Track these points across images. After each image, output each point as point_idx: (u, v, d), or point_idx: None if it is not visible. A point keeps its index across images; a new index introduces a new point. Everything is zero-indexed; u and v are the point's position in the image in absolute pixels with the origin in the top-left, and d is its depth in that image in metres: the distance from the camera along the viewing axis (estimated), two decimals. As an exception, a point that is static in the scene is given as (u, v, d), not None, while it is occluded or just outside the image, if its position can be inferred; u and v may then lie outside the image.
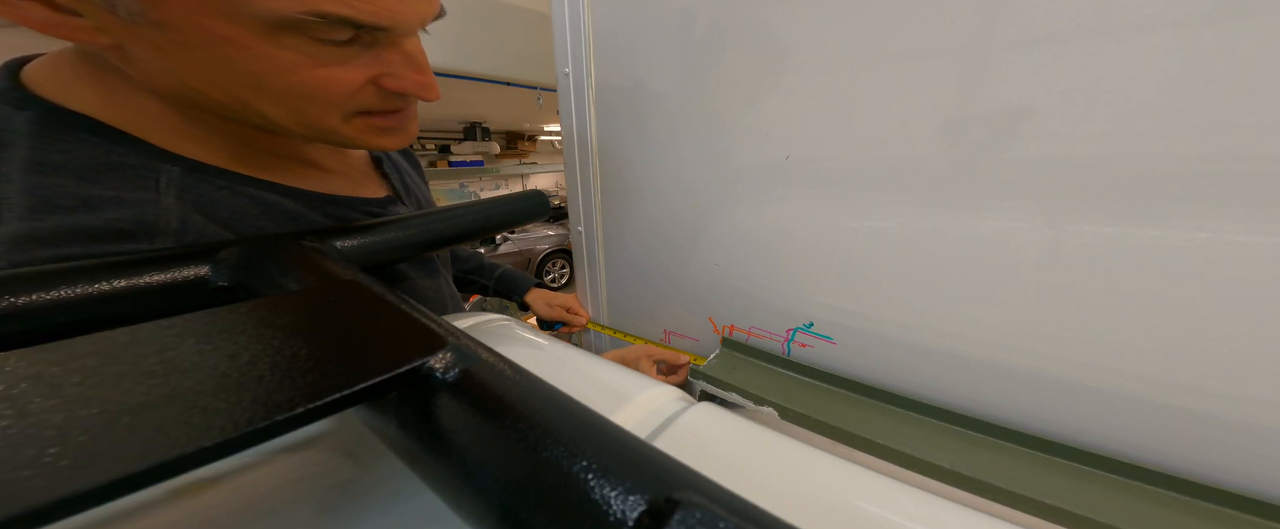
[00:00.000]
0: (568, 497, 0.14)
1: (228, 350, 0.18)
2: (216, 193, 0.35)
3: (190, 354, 0.18)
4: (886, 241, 0.47)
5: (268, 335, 0.19)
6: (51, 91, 0.31)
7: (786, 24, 0.46)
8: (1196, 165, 0.32)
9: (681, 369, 0.63)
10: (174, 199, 0.32)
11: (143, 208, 0.31)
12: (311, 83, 0.30)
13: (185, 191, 0.33)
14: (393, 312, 0.22)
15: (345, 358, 0.18)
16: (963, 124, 0.40)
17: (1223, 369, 0.34)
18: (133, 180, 0.32)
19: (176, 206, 0.32)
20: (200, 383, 0.16)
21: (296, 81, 0.30)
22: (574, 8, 0.61)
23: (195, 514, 0.24)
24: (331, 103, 0.32)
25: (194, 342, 0.18)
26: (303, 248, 0.30)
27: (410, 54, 0.34)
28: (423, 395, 0.18)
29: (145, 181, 0.32)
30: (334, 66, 0.31)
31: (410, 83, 0.34)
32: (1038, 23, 0.35)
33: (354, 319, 0.21)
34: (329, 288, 0.24)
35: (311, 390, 0.16)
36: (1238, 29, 0.30)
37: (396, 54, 0.33)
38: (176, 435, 0.14)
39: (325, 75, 0.30)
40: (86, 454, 0.13)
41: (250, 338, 0.18)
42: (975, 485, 0.38)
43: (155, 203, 0.32)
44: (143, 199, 0.31)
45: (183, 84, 0.31)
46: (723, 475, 0.15)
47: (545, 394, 0.17)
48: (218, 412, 0.15)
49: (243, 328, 0.19)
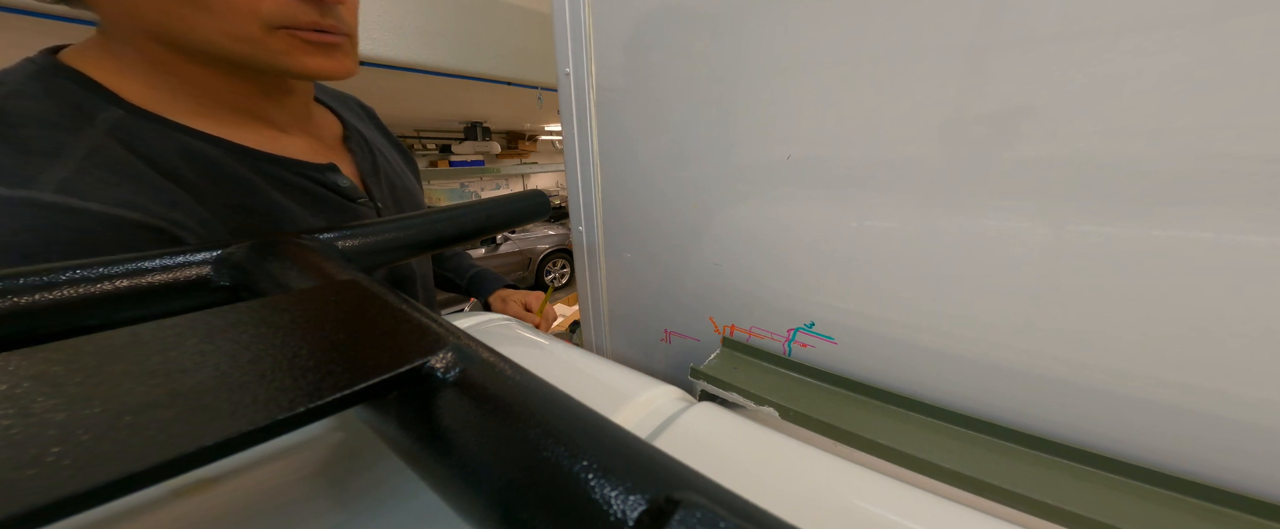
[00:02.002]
0: (568, 497, 0.14)
1: (229, 350, 0.18)
2: (146, 132, 0.40)
3: (191, 354, 0.18)
4: (888, 241, 0.47)
5: (269, 335, 0.19)
6: (69, 56, 0.40)
7: (787, 24, 0.46)
8: (1200, 165, 0.32)
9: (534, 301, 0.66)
10: (101, 132, 0.37)
11: (62, 132, 0.36)
12: None
13: (115, 127, 0.38)
14: (393, 312, 0.22)
15: (346, 358, 0.18)
16: (963, 123, 0.40)
17: (1223, 369, 0.34)
18: (73, 115, 0.37)
19: (97, 135, 0.37)
20: (201, 383, 0.16)
21: None
22: (574, 8, 0.61)
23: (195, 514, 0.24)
24: (247, 8, 0.37)
25: (195, 341, 0.18)
26: (303, 248, 0.30)
27: None
28: (423, 395, 0.18)
29: (84, 116, 0.37)
30: None
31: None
32: (1038, 23, 0.35)
33: (354, 319, 0.21)
34: (330, 288, 0.24)
35: (312, 390, 0.16)
36: (1238, 29, 0.30)
37: None
38: (178, 435, 0.14)
39: None
40: (88, 454, 0.13)
41: (251, 338, 0.18)
42: (975, 485, 0.38)
43: (77, 131, 0.36)
44: (71, 127, 0.36)
45: (133, 15, 0.36)
46: (723, 475, 0.15)
47: (546, 394, 0.18)
48: (218, 411, 0.15)
49: (244, 328, 0.19)
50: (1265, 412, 0.34)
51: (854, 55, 0.44)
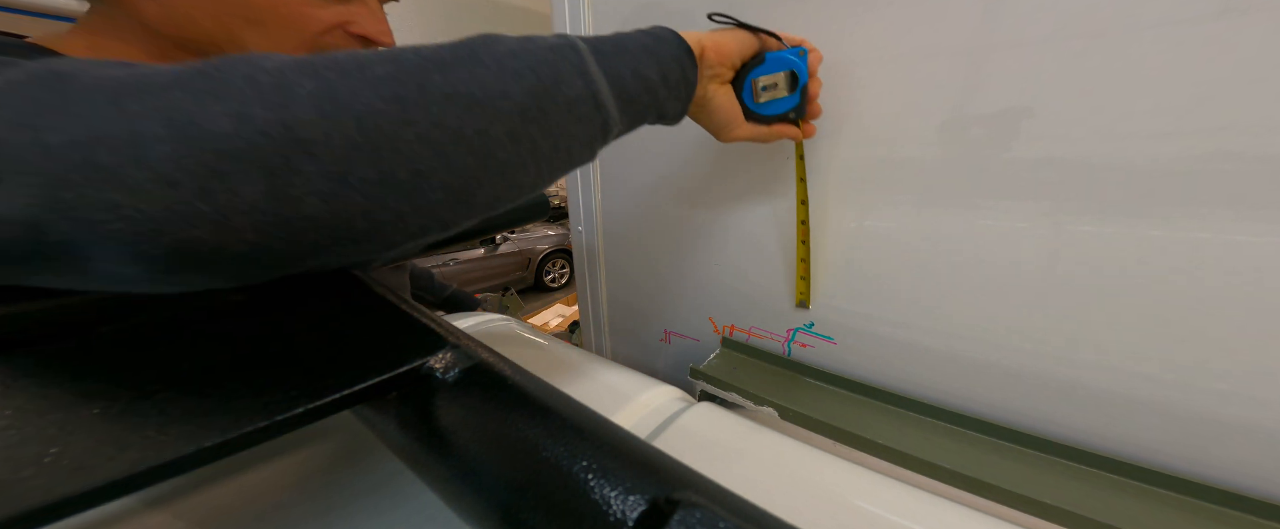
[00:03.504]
0: (568, 497, 0.14)
1: (229, 350, 0.18)
2: None
3: (192, 354, 0.18)
4: (887, 241, 0.47)
5: (269, 335, 0.19)
6: (53, 46, 0.37)
7: (786, 24, 0.46)
8: (1199, 165, 0.32)
9: None
10: None
11: None
12: (291, 15, 0.36)
13: None
14: (393, 312, 0.22)
15: (345, 358, 0.18)
16: (962, 123, 0.40)
17: (1223, 369, 0.34)
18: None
19: None
20: (202, 383, 0.16)
21: (280, 8, 0.35)
22: (574, 8, 0.61)
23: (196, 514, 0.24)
24: (306, 39, 0.37)
25: (197, 342, 0.18)
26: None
27: (373, 9, 0.40)
28: (423, 395, 0.18)
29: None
30: (312, 7, 0.36)
31: (371, 29, 0.40)
32: (1039, 22, 0.35)
33: (354, 319, 0.21)
34: (330, 288, 0.24)
35: (311, 390, 0.16)
36: (1239, 28, 0.30)
37: (362, 7, 0.39)
38: (177, 435, 0.14)
39: (303, 10, 0.36)
40: (89, 454, 0.13)
41: (251, 338, 0.18)
42: (975, 485, 0.38)
43: None
44: None
45: (183, 15, 0.35)
46: (723, 475, 0.15)
47: (545, 394, 0.17)
48: (219, 411, 0.15)
49: (244, 328, 0.19)
50: (1265, 411, 0.34)
51: (853, 55, 0.44)
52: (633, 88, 0.30)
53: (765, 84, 0.37)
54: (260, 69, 0.20)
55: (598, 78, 0.28)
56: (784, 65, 0.37)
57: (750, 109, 0.37)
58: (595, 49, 0.29)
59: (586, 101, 0.28)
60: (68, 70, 0.18)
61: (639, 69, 0.31)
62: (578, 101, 0.27)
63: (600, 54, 0.29)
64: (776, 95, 0.38)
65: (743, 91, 0.36)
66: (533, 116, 0.25)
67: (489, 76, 0.24)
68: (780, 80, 0.37)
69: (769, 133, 0.41)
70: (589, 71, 0.28)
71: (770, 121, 0.39)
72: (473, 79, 0.24)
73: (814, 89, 0.40)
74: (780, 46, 0.37)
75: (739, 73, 0.36)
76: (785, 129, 0.41)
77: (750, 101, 0.37)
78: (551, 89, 0.26)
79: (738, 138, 0.40)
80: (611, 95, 0.29)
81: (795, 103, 0.39)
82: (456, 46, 0.25)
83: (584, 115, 0.28)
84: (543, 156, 0.26)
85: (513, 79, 0.25)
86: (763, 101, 0.37)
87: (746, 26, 0.37)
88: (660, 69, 0.32)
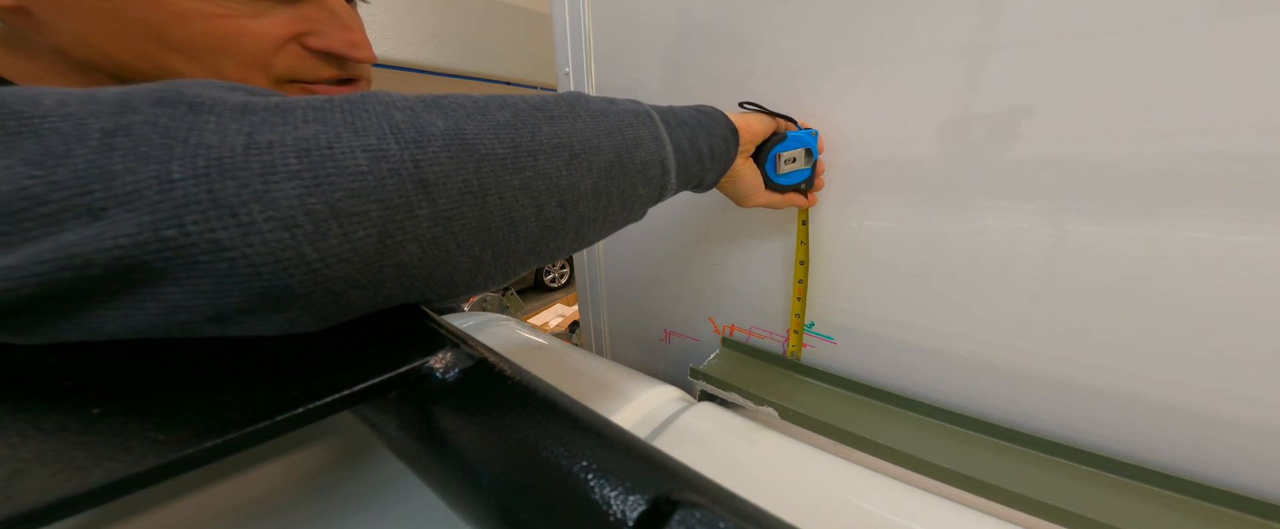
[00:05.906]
0: (568, 497, 0.14)
1: (229, 351, 0.18)
2: None
3: (192, 354, 0.18)
4: (887, 241, 0.47)
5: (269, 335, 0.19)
6: None
7: (785, 24, 0.46)
8: (1199, 165, 0.32)
9: None
10: None
11: None
12: (218, 34, 0.29)
13: None
14: (392, 312, 0.22)
15: (345, 358, 0.18)
16: (963, 124, 0.40)
17: (1223, 369, 0.34)
18: None
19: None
20: (202, 383, 0.16)
21: (200, 32, 0.28)
22: (574, 8, 0.61)
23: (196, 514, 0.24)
24: (250, 61, 0.30)
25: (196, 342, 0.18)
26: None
27: (334, 10, 0.32)
28: (423, 395, 0.18)
29: None
30: (246, 19, 0.29)
31: (337, 41, 0.32)
32: (1039, 22, 0.35)
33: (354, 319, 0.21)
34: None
35: (311, 390, 0.16)
36: (1239, 29, 0.30)
37: (318, 10, 0.31)
38: (177, 436, 0.14)
39: (235, 26, 0.29)
40: (88, 454, 0.13)
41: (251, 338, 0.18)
42: (975, 485, 0.38)
43: None
44: None
45: (91, 47, 0.29)
46: (723, 475, 0.15)
47: (545, 394, 0.17)
48: (218, 412, 0.15)
49: (243, 328, 0.19)
50: (1265, 411, 0.34)
51: (853, 56, 0.44)
52: (690, 157, 0.32)
53: (787, 158, 0.43)
54: (394, 105, 0.19)
55: (667, 144, 0.29)
56: (802, 143, 0.44)
57: (772, 179, 0.43)
58: (664, 117, 0.30)
59: (655, 165, 0.29)
60: (199, 98, 0.16)
61: (695, 141, 0.32)
62: (649, 164, 0.28)
63: (667, 123, 0.30)
64: (795, 168, 0.44)
65: (766, 163, 0.42)
66: (614, 174, 0.26)
67: (587, 132, 0.24)
68: (799, 155, 0.44)
69: (782, 201, 0.46)
70: (661, 137, 0.29)
71: (784, 191, 0.45)
72: (574, 132, 0.24)
73: (820, 167, 0.48)
74: (794, 128, 0.44)
75: (760, 149, 0.41)
76: (795, 198, 0.47)
77: (772, 172, 0.42)
78: (632, 149, 0.27)
79: (756, 204, 0.44)
80: (675, 161, 0.30)
81: (807, 175, 0.46)
82: (557, 100, 0.25)
83: (651, 178, 0.29)
84: (612, 213, 0.27)
85: (604, 136, 0.25)
86: (784, 173, 0.43)
87: (770, 112, 0.43)
88: (711, 143, 0.34)
